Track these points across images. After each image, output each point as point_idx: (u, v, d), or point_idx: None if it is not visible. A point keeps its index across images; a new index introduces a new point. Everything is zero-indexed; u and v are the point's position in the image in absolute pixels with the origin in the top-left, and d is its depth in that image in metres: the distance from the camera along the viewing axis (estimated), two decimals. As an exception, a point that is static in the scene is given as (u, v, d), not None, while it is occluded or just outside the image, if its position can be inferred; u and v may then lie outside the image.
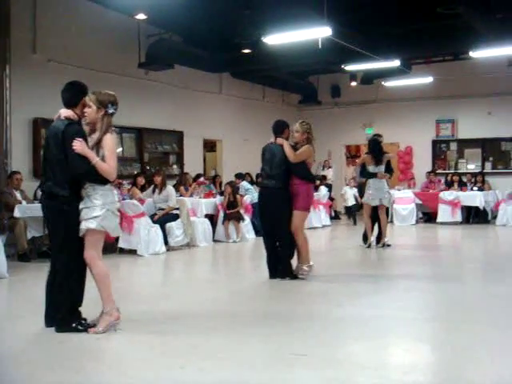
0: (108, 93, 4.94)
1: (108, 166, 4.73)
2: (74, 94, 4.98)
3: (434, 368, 4.15)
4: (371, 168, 10.18)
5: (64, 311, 4.83)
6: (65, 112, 4.89)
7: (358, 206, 14.49)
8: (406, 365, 4.09)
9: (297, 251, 7.46)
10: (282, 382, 3.76)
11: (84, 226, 4.74)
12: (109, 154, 4.76)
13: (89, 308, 4.97)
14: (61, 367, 4.08)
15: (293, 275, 7.30)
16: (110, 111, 4.85)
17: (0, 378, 3.91)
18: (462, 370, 3.99)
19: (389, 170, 10.40)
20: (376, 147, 10.34)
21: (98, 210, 4.74)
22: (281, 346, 4.48)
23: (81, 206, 4.79)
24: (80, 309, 4.93)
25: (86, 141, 4.77)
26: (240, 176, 13.70)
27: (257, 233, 12.01)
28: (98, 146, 4.79)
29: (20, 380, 3.87)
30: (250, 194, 12.69)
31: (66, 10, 11.42)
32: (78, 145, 4.66)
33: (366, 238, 10.46)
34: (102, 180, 4.77)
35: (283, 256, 7.35)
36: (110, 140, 4.80)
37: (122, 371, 3.99)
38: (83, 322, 4.85)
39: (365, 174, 10.41)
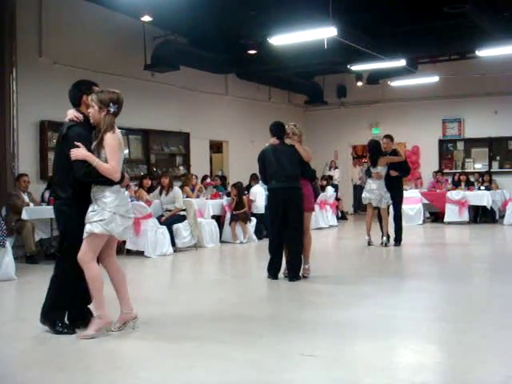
0: (110, 91, 4.83)
1: (109, 166, 4.64)
2: (74, 94, 4.97)
3: (443, 368, 4.14)
4: (371, 168, 10.40)
5: (47, 306, 4.87)
6: (69, 113, 4.88)
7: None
8: (414, 365, 4.08)
9: (303, 251, 7.46)
10: (290, 383, 3.76)
11: (88, 229, 4.66)
12: (110, 153, 4.66)
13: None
14: (69, 368, 4.09)
15: (300, 277, 7.31)
16: (112, 110, 4.74)
17: (9, 379, 3.92)
18: (470, 370, 3.97)
19: (402, 170, 10.47)
20: (370, 149, 10.64)
21: (103, 214, 4.65)
22: (289, 347, 4.47)
23: (89, 209, 4.71)
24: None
25: (87, 143, 4.71)
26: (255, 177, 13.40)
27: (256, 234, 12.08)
28: (99, 146, 4.70)
29: (29, 381, 3.87)
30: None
31: (72, 12, 11.48)
32: (75, 151, 4.63)
33: (398, 237, 10.60)
34: (107, 181, 4.67)
35: (297, 260, 7.30)
36: (110, 139, 4.69)
37: (131, 372, 4.00)
38: (65, 324, 4.86)
39: (367, 173, 10.65)
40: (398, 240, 10.52)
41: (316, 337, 4.79)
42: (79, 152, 4.63)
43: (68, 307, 4.95)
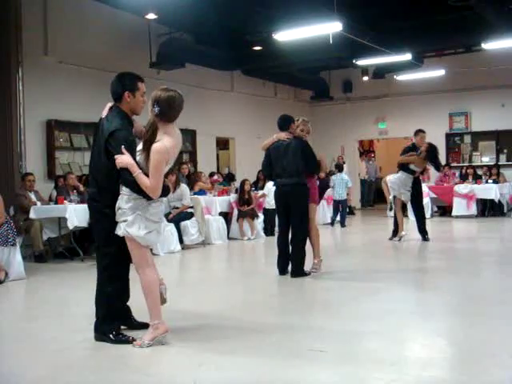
0: (163, 88, 4.37)
1: (148, 183, 4.16)
2: (114, 88, 4.45)
3: (452, 363, 4.13)
4: (412, 166, 10.11)
5: (98, 319, 4.56)
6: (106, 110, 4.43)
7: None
8: (423, 359, 4.07)
9: (311, 245, 7.46)
10: (299, 379, 3.75)
11: (117, 230, 4.34)
12: (151, 168, 4.14)
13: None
14: (79, 366, 4.11)
15: (305, 274, 7.26)
16: (156, 111, 4.24)
17: (20, 377, 3.94)
18: (480, 364, 3.96)
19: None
20: (433, 155, 10.19)
21: (126, 215, 4.27)
22: (298, 343, 4.47)
23: (116, 205, 4.32)
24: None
25: (133, 148, 4.25)
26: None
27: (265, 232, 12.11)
28: (145, 154, 4.21)
29: (40, 379, 3.89)
30: None
31: (77, 11, 11.49)
32: (119, 159, 4.16)
33: (395, 232, 10.51)
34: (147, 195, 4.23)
35: (298, 255, 7.25)
36: (155, 151, 4.16)
37: (140, 369, 4.01)
38: (120, 332, 4.55)
39: (404, 168, 10.20)
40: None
41: (324, 332, 4.78)
42: (122, 159, 4.15)
43: (115, 313, 4.61)
